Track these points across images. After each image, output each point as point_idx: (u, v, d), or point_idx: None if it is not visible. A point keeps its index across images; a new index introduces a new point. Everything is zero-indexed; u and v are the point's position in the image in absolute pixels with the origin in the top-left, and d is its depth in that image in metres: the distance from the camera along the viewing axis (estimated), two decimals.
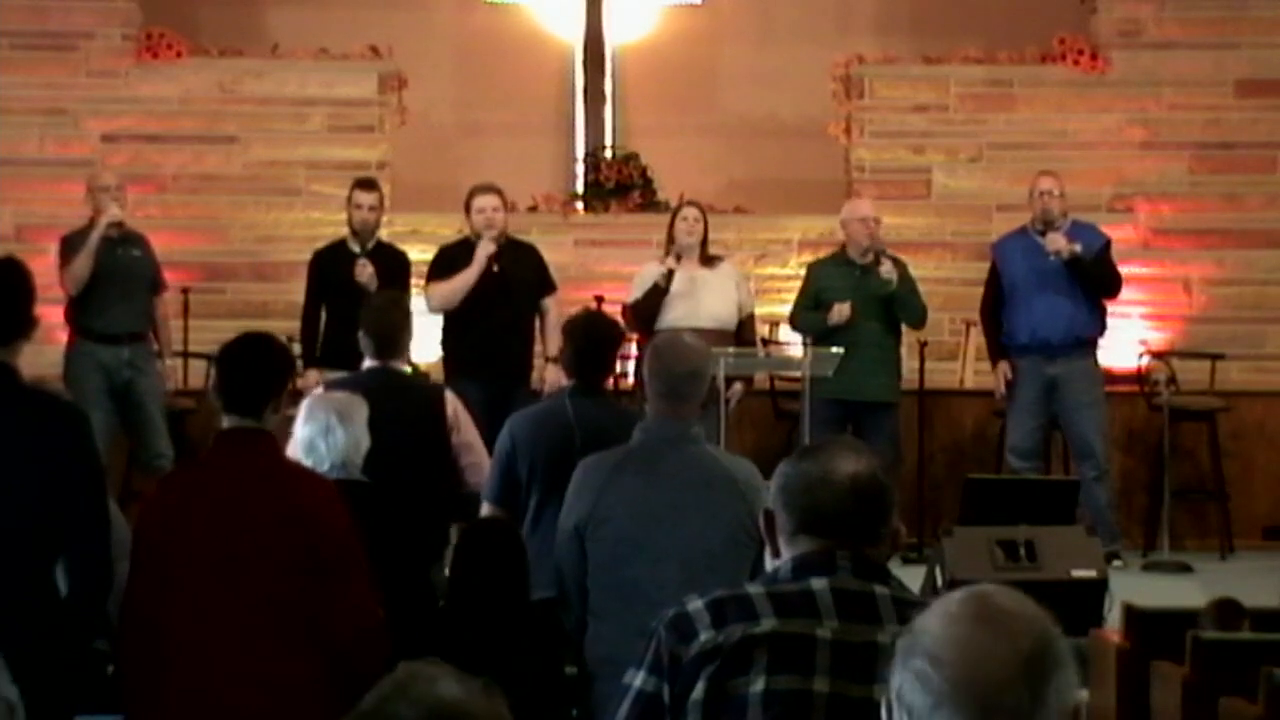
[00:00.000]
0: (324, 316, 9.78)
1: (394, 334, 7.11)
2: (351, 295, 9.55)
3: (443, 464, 6.93)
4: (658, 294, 9.56)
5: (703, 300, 9.62)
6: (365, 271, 9.64)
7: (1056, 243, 9.92)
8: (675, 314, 9.52)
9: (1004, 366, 10.09)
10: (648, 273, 9.76)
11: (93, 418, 9.26)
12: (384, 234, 10.64)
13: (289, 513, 4.82)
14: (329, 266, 9.82)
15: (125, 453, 9.84)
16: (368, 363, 7.14)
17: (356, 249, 9.80)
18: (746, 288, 10.06)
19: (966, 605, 2.18)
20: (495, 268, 9.47)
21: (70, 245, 9.66)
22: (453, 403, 7.09)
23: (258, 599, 4.77)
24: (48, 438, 4.86)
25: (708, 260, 9.79)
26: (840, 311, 9.73)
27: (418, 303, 10.22)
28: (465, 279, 9.43)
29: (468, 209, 9.63)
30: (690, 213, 9.85)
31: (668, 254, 9.74)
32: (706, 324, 9.41)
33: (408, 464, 6.61)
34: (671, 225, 9.84)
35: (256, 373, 4.99)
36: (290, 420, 5.90)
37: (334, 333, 9.64)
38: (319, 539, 4.81)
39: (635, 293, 9.70)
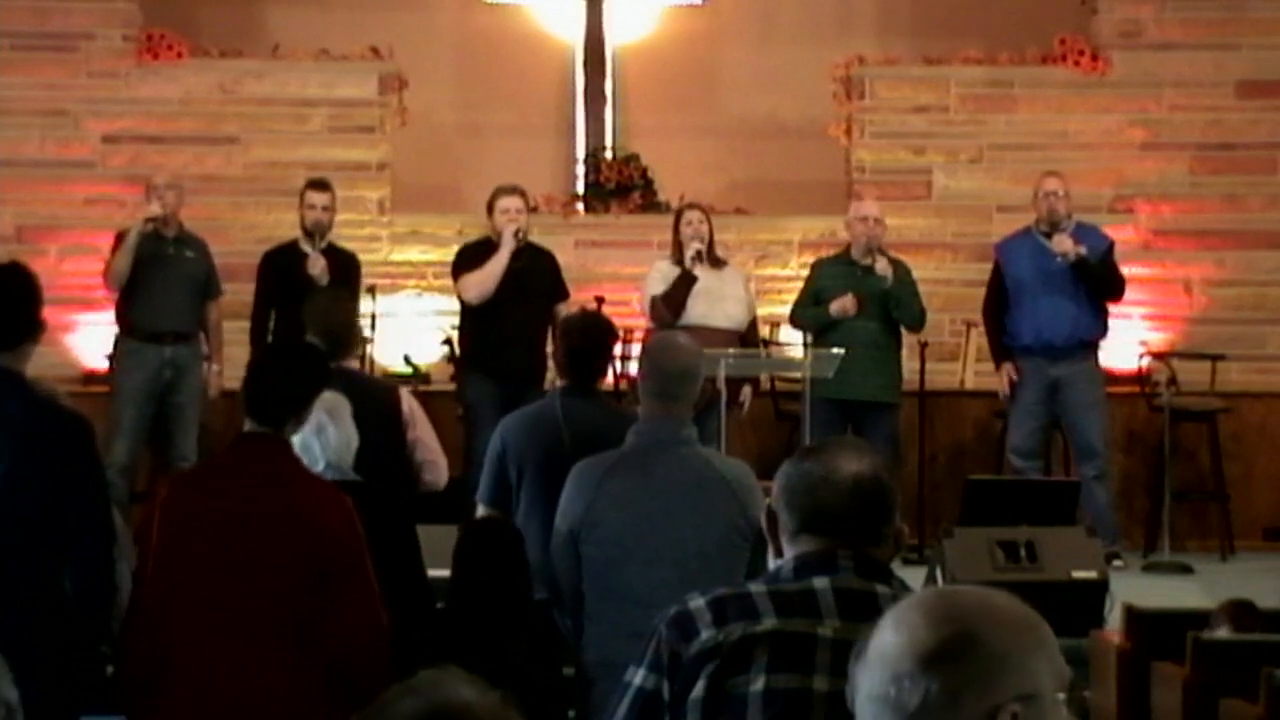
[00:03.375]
0: (274, 317, 9.78)
1: (342, 332, 7.06)
2: (302, 295, 9.53)
3: (400, 462, 6.91)
4: (689, 281, 9.57)
5: (720, 300, 9.64)
6: (318, 264, 9.65)
7: (1063, 245, 9.91)
8: (696, 311, 9.54)
9: (1008, 368, 10.08)
10: (664, 269, 9.76)
11: (126, 415, 9.49)
12: (384, 234, 10.65)
13: (298, 520, 4.79)
14: (280, 267, 9.81)
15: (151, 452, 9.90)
16: None
17: (308, 249, 9.79)
18: (751, 290, 10.07)
19: (917, 597, 2.17)
20: (521, 243, 9.48)
21: (120, 241, 9.73)
22: (408, 400, 7.08)
23: (264, 605, 4.76)
24: (51, 443, 4.86)
25: (715, 262, 9.81)
26: (844, 304, 9.72)
27: (403, 303, 10.26)
28: (498, 263, 9.47)
29: (490, 210, 9.66)
30: (694, 215, 9.87)
31: (676, 257, 9.73)
32: (723, 323, 9.45)
33: (367, 463, 6.58)
34: (676, 229, 9.84)
35: (284, 384, 4.95)
36: None
37: (284, 333, 9.62)
38: (327, 547, 4.78)
39: (654, 287, 9.70)
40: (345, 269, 9.81)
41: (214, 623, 4.75)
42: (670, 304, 9.56)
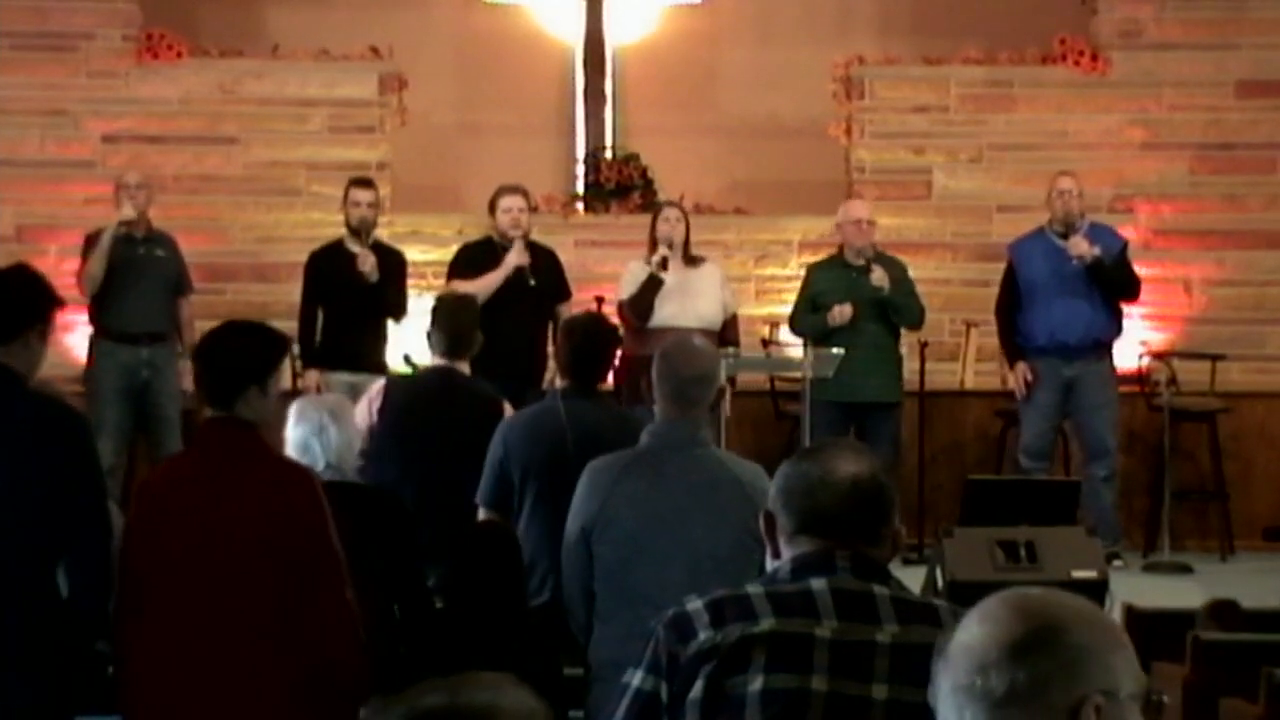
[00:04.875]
0: (321, 316, 9.81)
1: (466, 334, 7.19)
2: (350, 294, 9.60)
3: None
4: (655, 285, 9.57)
5: (691, 300, 9.63)
6: (368, 261, 9.68)
7: (1079, 247, 9.91)
8: (666, 312, 9.53)
9: (1023, 368, 10.06)
10: (635, 270, 9.76)
11: (107, 417, 9.47)
12: (384, 234, 10.65)
13: (261, 502, 4.80)
14: (327, 266, 9.85)
15: (135, 452, 9.88)
16: (434, 360, 7.19)
17: (355, 248, 9.82)
18: (730, 288, 10.03)
19: (1001, 594, 2.21)
20: (531, 283, 9.50)
21: (92, 243, 9.72)
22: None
23: (241, 595, 4.77)
24: (46, 439, 4.86)
25: (691, 260, 9.80)
26: (842, 313, 9.73)
27: (419, 303, 10.28)
28: (491, 282, 9.45)
29: (492, 209, 9.67)
30: (671, 213, 9.86)
31: (651, 255, 9.72)
32: (694, 324, 9.41)
33: (462, 465, 6.67)
34: (653, 226, 9.84)
35: (221, 363, 4.92)
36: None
37: (332, 332, 9.69)
38: (291, 526, 4.79)
39: (626, 289, 9.70)
40: (394, 266, 9.86)
41: (190, 621, 4.77)
42: (636, 308, 9.55)
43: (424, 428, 6.77)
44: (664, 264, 9.59)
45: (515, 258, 9.49)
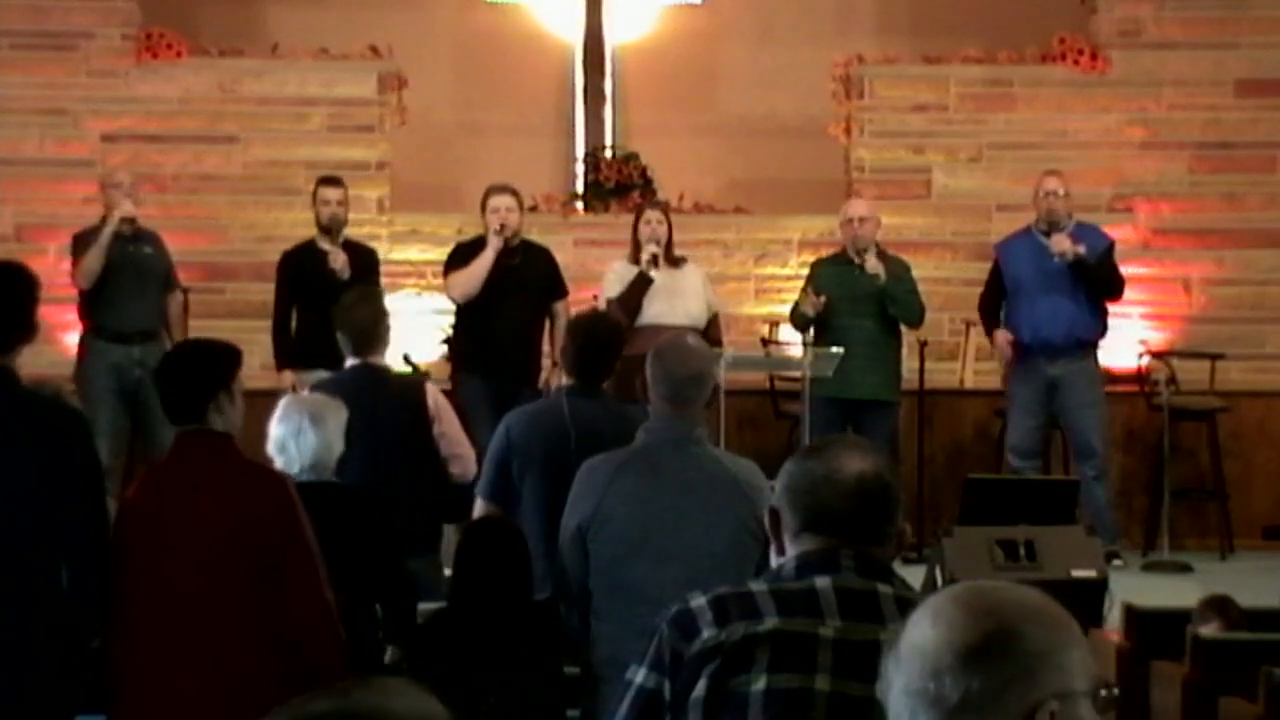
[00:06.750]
0: (295, 317, 9.81)
1: (370, 329, 7.16)
2: (324, 293, 9.56)
3: (428, 456, 6.99)
4: (645, 283, 9.57)
5: (679, 299, 9.63)
6: (339, 259, 9.66)
7: (1061, 244, 9.93)
8: (653, 310, 9.53)
9: (1002, 334, 10.10)
10: (621, 270, 9.75)
11: (101, 416, 9.45)
12: (384, 233, 10.65)
13: (235, 508, 4.87)
14: (299, 266, 9.83)
15: (133, 450, 9.87)
16: (348, 361, 7.17)
17: (326, 246, 9.81)
18: (712, 288, 10.04)
19: (953, 591, 2.18)
20: (514, 241, 9.48)
21: (82, 242, 9.71)
22: (433, 394, 7.17)
23: (218, 600, 4.83)
24: (44, 439, 4.87)
25: (674, 261, 9.80)
26: (814, 301, 9.70)
27: (402, 302, 10.28)
28: (482, 263, 9.48)
29: (483, 208, 9.66)
30: (653, 215, 9.86)
31: (634, 257, 9.72)
32: (682, 321, 9.41)
33: (394, 459, 6.70)
34: (635, 228, 9.84)
35: (183, 384, 5.02)
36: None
37: (307, 332, 9.66)
38: (263, 527, 4.85)
39: (610, 289, 9.70)
40: (365, 263, 9.84)
41: (178, 620, 4.84)
42: (625, 306, 9.54)
43: (355, 425, 6.76)
44: (654, 262, 9.60)
45: (493, 239, 9.49)
